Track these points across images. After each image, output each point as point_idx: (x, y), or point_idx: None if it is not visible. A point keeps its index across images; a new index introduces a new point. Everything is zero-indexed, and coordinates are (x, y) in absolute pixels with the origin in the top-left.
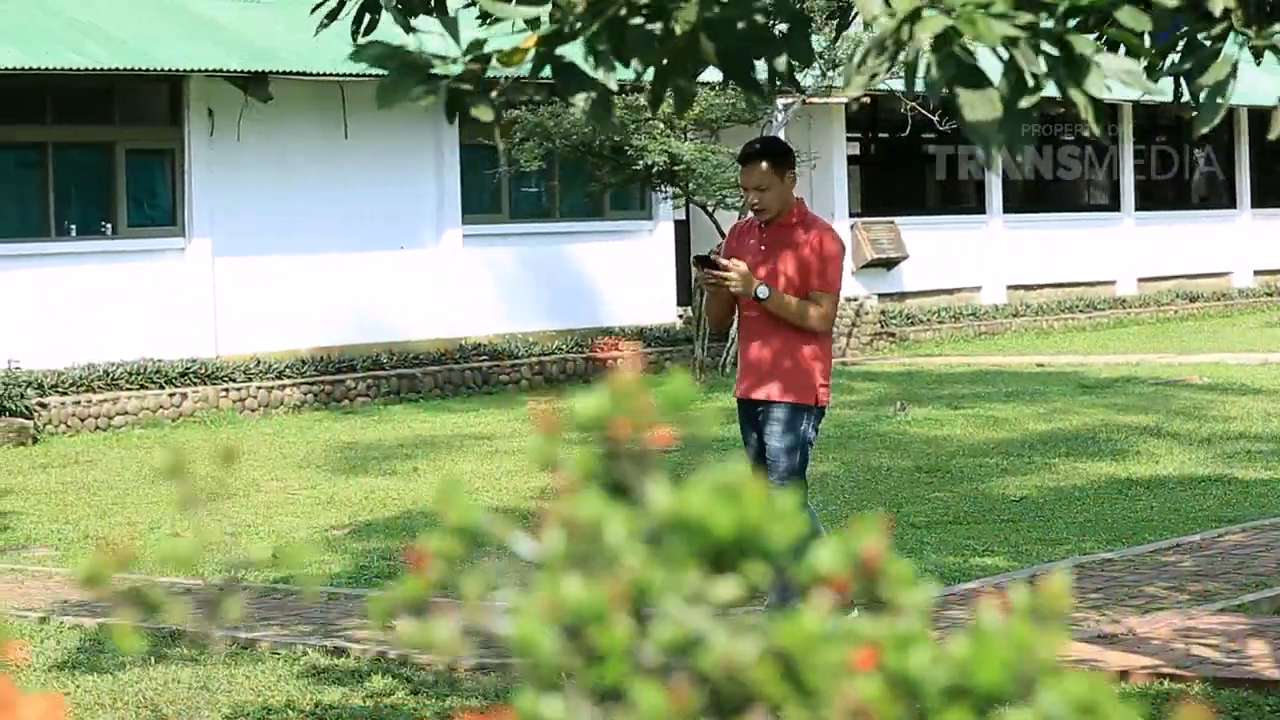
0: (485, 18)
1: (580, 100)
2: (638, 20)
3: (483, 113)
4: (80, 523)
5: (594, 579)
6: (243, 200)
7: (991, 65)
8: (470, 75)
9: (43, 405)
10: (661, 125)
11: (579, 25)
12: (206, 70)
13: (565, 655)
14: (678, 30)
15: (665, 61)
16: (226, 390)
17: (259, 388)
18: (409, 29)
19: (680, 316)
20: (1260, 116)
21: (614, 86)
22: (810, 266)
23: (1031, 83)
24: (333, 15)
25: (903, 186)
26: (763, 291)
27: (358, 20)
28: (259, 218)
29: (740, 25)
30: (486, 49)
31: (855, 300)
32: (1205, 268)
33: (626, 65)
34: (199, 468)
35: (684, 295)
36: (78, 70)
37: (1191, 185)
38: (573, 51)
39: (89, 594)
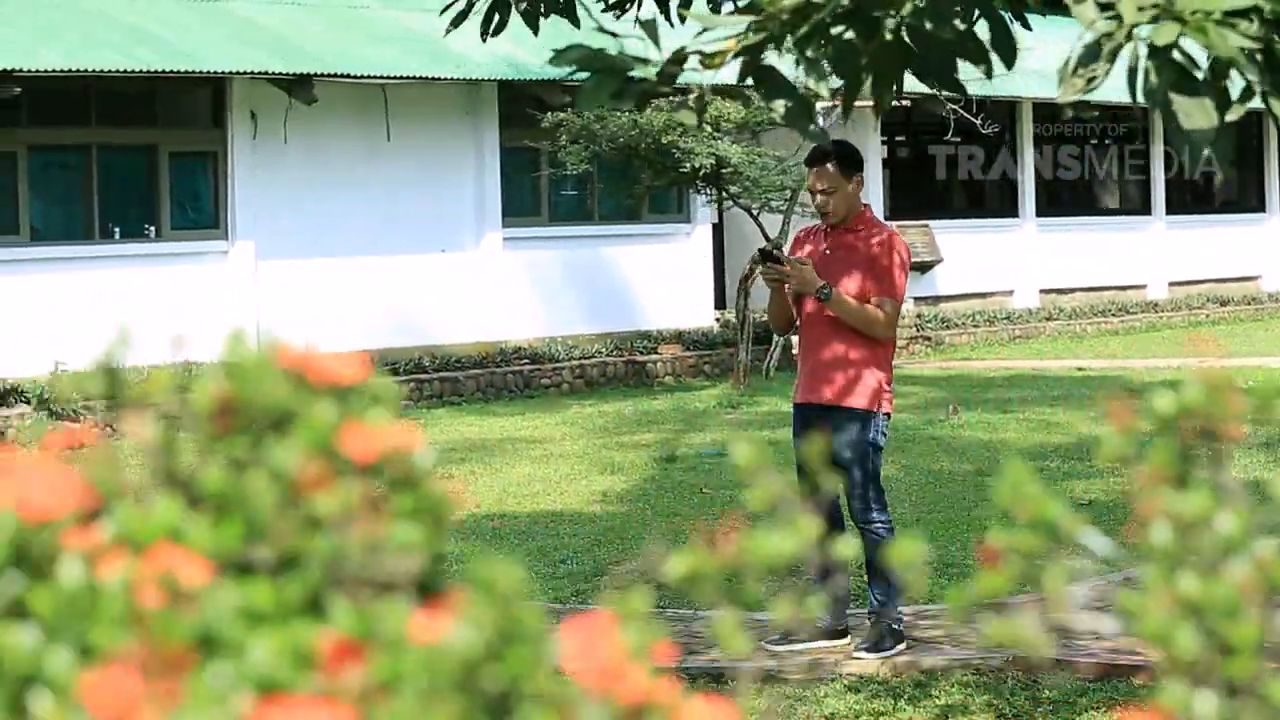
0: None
1: (779, 106)
2: (838, 28)
3: (686, 117)
4: None
5: (1211, 573)
6: (285, 203)
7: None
8: (666, 78)
9: (89, 408)
10: (709, 128)
11: (783, 32)
12: (251, 73)
13: (1199, 650)
14: (887, 36)
15: (860, 68)
16: None
17: None
18: (536, 30)
19: (717, 320)
20: None
21: (825, 93)
22: (874, 271)
23: (1238, 93)
24: (462, 15)
25: (936, 190)
26: (824, 291)
27: (487, 19)
28: (301, 220)
29: (944, 29)
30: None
31: None
32: (1235, 271)
33: (829, 73)
34: None
35: (720, 299)
36: (123, 72)
37: (1220, 188)
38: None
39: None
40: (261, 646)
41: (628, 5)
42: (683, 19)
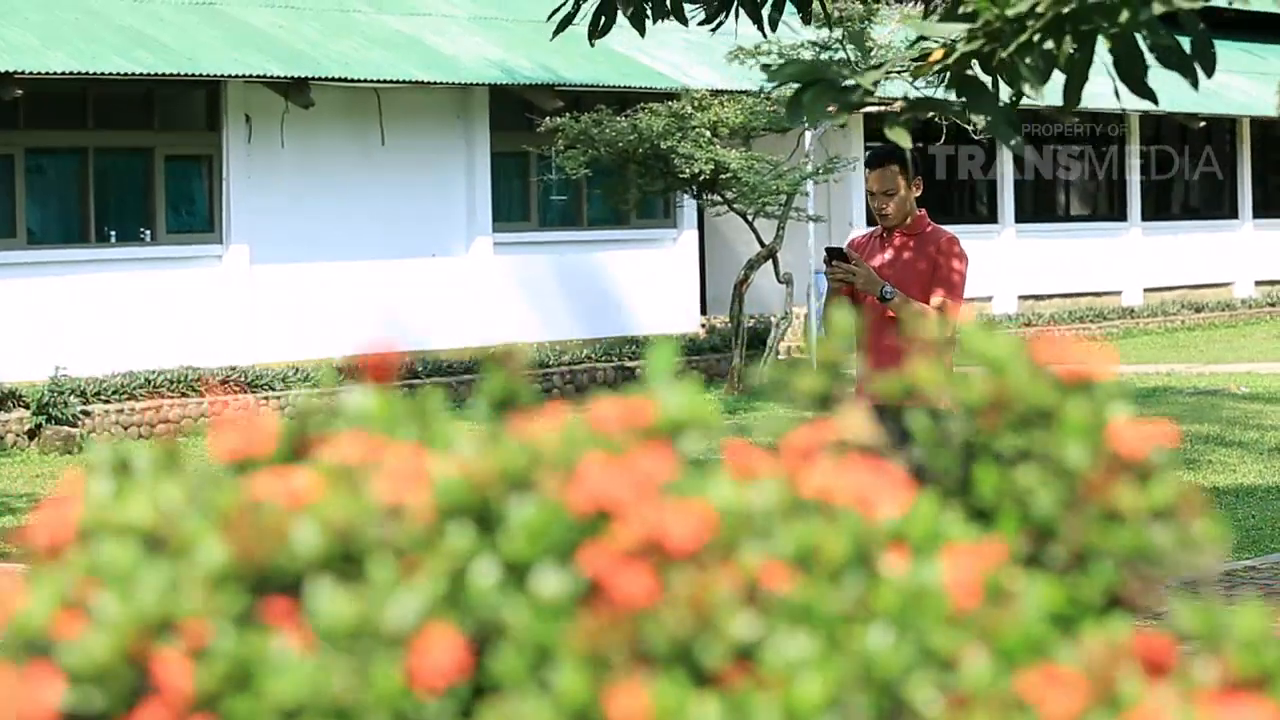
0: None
1: (983, 115)
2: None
3: (899, 136)
4: None
5: None
6: (279, 207)
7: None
8: (864, 91)
9: (86, 413)
10: (708, 134)
11: (998, 41)
12: (251, 76)
13: None
14: (1104, 45)
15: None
16: (266, 398)
17: (297, 395)
18: (643, 32)
19: (703, 326)
20: (1261, 125)
21: (1041, 101)
22: (934, 274)
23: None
24: (568, 19)
25: (921, 196)
26: (887, 291)
27: (594, 23)
28: (295, 224)
29: (1162, 38)
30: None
31: None
32: (1208, 278)
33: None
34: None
35: (710, 305)
36: (124, 75)
37: (1195, 194)
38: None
39: None
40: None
41: (723, 14)
42: (774, 25)
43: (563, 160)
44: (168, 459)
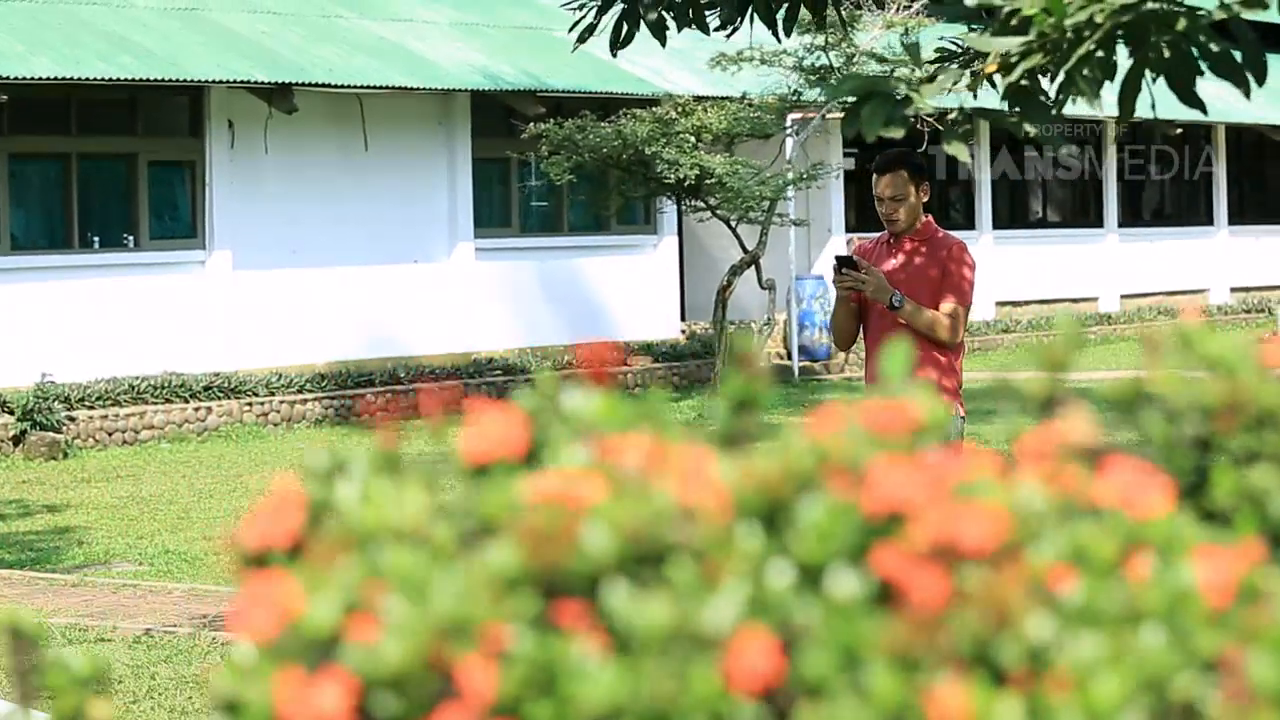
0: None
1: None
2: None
3: (958, 151)
4: (154, 538)
5: None
6: (262, 213)
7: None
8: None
9: (71, 419)
10: (692, 139)
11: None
12: (235, 82)
13: None
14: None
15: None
16: (250, 404)
17: (281, 402)
18: (664, 42)
19: (683, 332)
20: (1236, 133)
21: (1100, 113)
22: (943, 279)
23: None
24: (590, 29)
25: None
26: (897, 299)
27: (616, 32)
28: (278, 230)
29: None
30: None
31: None
32: (1184, 284)
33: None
34: (252, 481)
35: (688, 311)
36: (110, 80)
37: (1170, 201)
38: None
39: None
40: None
41: (739, 20)
42: (788, 31)
43: (547, 166)
44: (387, 463)
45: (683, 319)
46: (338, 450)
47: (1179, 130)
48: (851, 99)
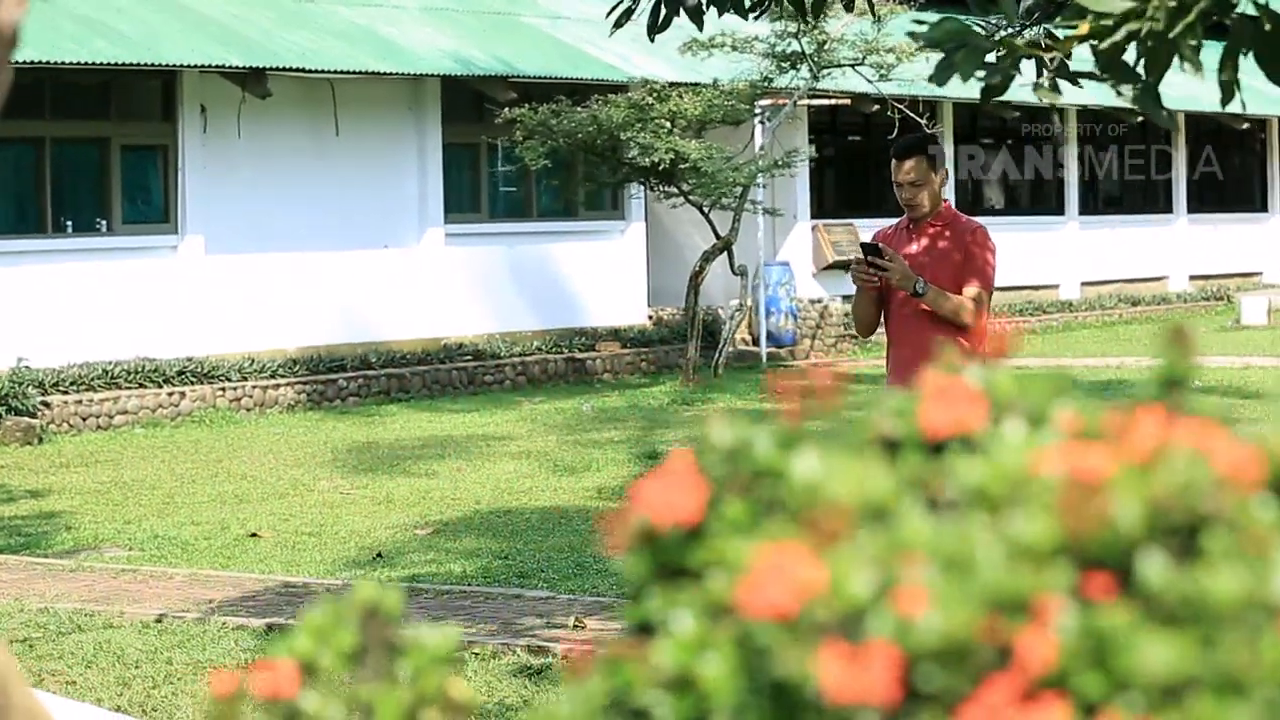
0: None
1: (1128, 91)
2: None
3: (1051, 97)
4: (142, 522)
5: None
6: (234, 197)
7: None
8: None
9: (46, 404)
10: (668, 125)
11: (1156, 20)
12: (209, 66)
13: None
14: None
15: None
16: (223, 389)
17: (254, 387)
18: (700, 26)
19: (650, 318)
20: (1196, 121)
21: (1202, 79)
22: (966, 263)
23: None
24: (627, 14)
25: (861, 190)
26: (920, 285)
27: (654, 17)
28: (250, 215)
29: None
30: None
31: (819, 302)
32: (1144, 272)
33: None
34: (232, 466)
35: (654, 296)
36: (84, 64)
37: (1129, 190)
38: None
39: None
40: None
41: (769, 3)
42: (816, 14)
43: (522, 151)
44: (791, 439)
45: (649, 304)
46: (741, 427)
47: (1140, 119)
48: (944, 47)
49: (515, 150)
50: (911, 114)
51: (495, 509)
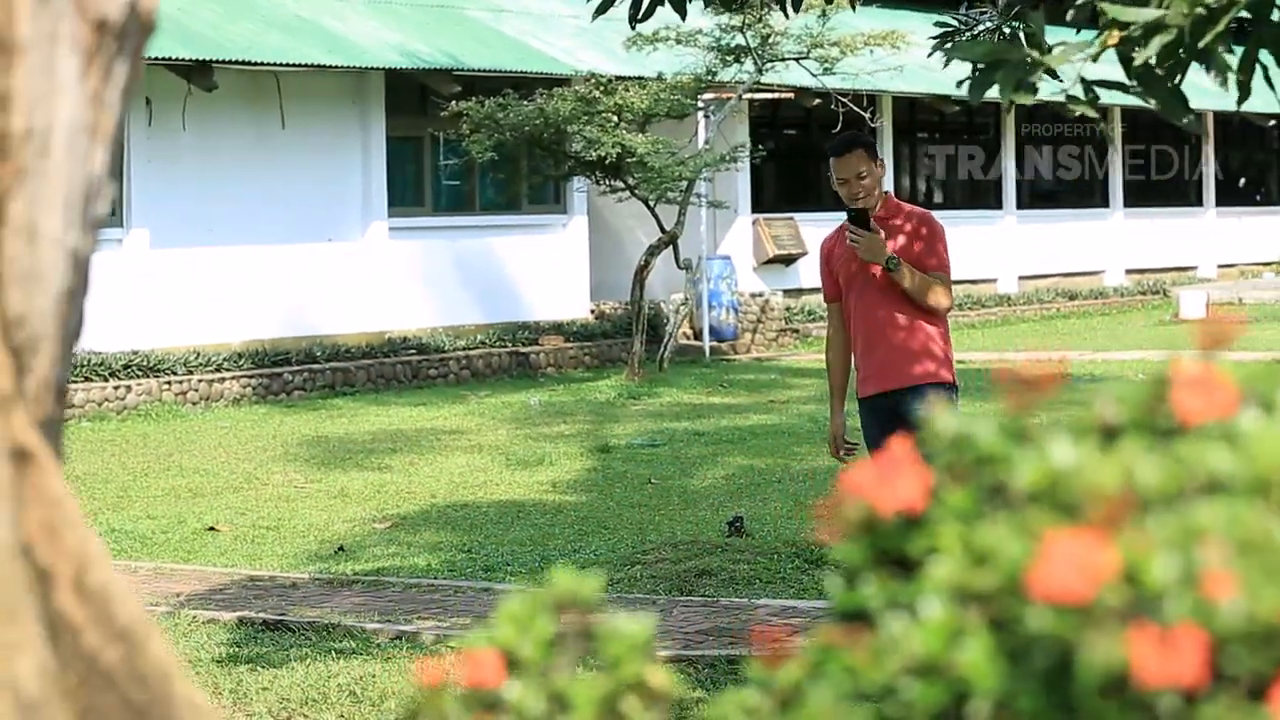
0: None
1: (1156, 97)
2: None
3: (1087, 110)
4: (97, 516)
5: None
6: (179, 192)
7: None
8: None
9: None
10: (615, 118)
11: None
12: (155, 58)
13: None
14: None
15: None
16: (169, 383)
17: (200, 380)
18: (684, 15)
19: (593, 312)
20: (1133, 116)
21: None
22: (924, 251)
23: None
24: (610, 1)
25: (801, 184)
26: (893, 261)
27: (634, 5)
28: (195, 208)
29: None
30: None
31: (760, 296)
32: (1081, 266)
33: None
34: (184, 460)
35: (595, 290)
36: None
37: (1067, 184)
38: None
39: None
40: None
41: None
42: (796, 8)
43: (469, 144)
44: (1017, 430)
45: (590, 298)
46: (965, 420)
47: (1079, 114)
48: (981, 65)
49: (460, 144)
50: (855, 107)
51: (452, 503)
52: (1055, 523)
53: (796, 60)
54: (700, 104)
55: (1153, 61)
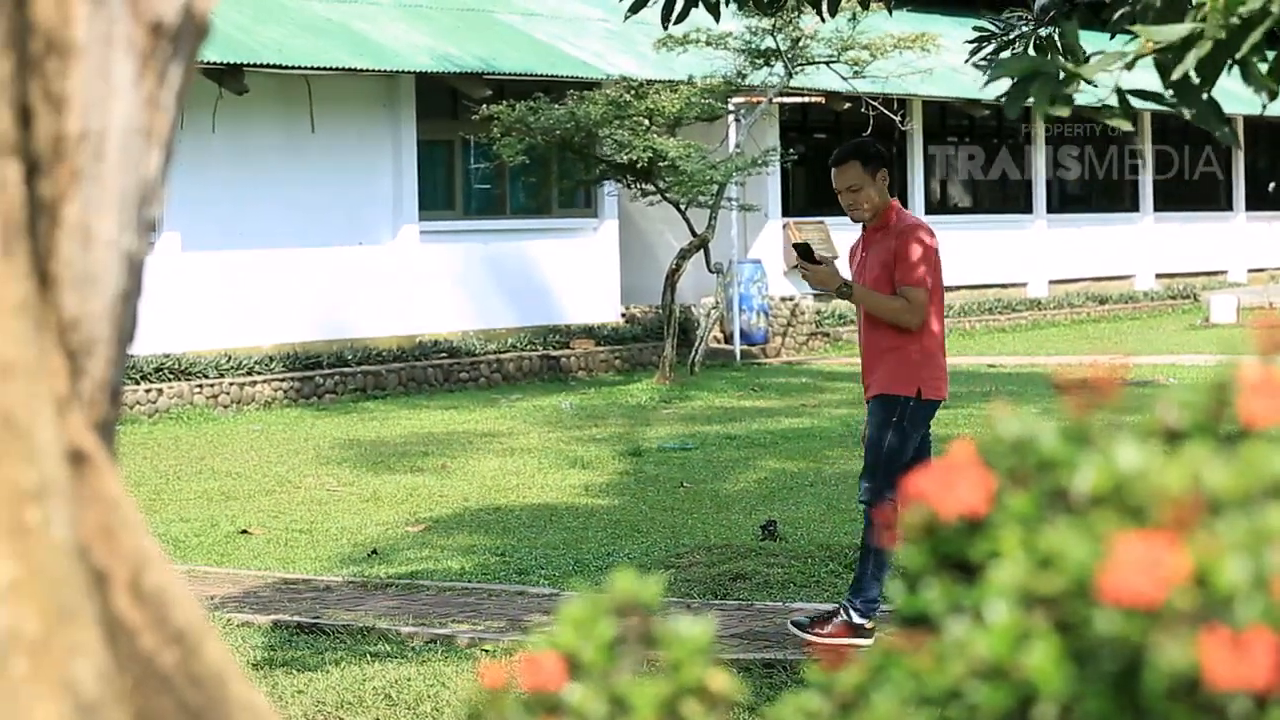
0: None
1: (1191, 108)
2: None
3: (1121, 124)
4: None
5: None
6: (210, 195)
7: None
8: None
9: None
10: (646, 122)
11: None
12: None
13: None
14: None
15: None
16: (200, 386)
17: (231, 383)
18: (718, 17)
19: (623, 315)
20: (1162, 119)
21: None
22: (895, 262)
23: None
24: (642, 1)
25: (830, 188)
26: (845, 287)
27: (668, 7)
28: (226, 212)
29: None
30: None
31: (791, 299)
32: (1111, 270)
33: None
34: (216, 463)
35: (625, 294)
36: None
37: (1097, 189)
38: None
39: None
40: None
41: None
42: (833, 12)
43: (500, 147)
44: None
45: (621, 302)
46: (1028, 421)
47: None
48: (1014, 79)
49: (491, 147)
50: (886, 111)
51: (485, 506)
52: (1121, 526)
53: (827, 64)
54: (730, 107)
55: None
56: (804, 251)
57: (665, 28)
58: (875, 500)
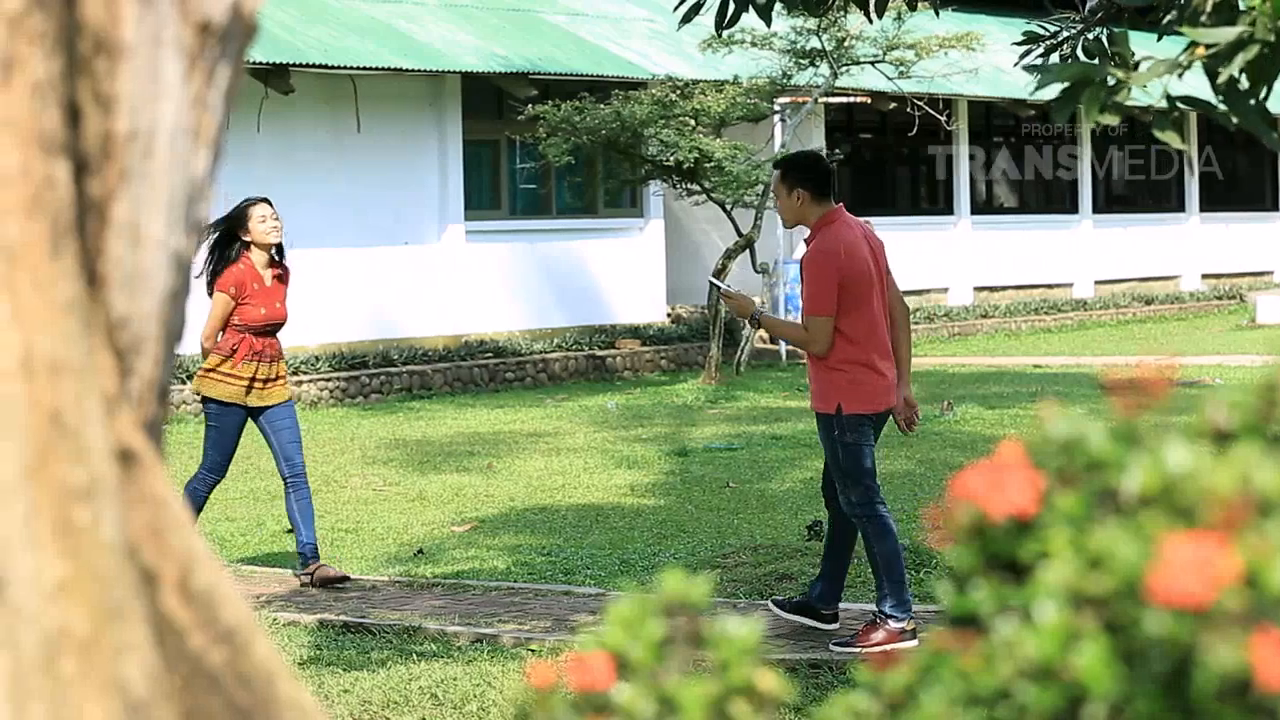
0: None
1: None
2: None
3: (1171, 139)
4: None
5: None
6: (255, 193)
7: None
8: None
9: None
10: (691, 122)
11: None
12: None
13: None
14: None
15: None
16: None
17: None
18: (769, 22)
19: (669, 316)
20: (1206, 120)
21: None
22: (803, 283)
23: None
24: (695, 9)
25: (876, 188)
26: (754, 317)
27: (721, 12)
28: None
29: None
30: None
31: None
32: (1157, 271)
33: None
34: (262, 462)
35: (671, 294)
36: None
37: (1142, 189)
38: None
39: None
40: None
41: (827, 2)
42: (880, 13)
43: (545, 147)
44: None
45: (666, 302)
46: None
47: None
48: (1064, 86)
49: (537, 147)
50: (931, 110)
51: (531, 506)
52: (1170, 527)
53: (872, 64)
54: (776, 107)
55: (1238, 75)
56: (712, 283)
57: (719, 34)
58: (864, 508)
